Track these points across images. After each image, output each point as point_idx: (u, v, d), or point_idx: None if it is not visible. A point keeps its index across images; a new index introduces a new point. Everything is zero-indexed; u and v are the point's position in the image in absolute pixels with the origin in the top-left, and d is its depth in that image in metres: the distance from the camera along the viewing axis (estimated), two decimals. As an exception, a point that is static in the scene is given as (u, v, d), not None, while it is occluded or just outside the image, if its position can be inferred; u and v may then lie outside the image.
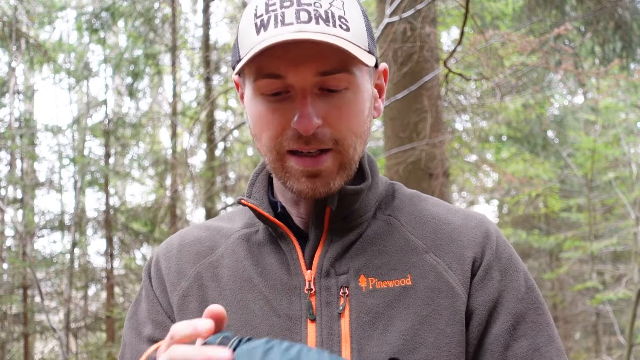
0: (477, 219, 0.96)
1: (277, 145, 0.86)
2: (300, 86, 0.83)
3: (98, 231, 8.79)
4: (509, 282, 0.92)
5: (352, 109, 0.86)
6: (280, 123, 0.85)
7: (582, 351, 12.34)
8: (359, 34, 0.85)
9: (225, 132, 8.71)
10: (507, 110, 7.83)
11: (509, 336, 0.89)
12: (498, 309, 0.90)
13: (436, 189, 4.55)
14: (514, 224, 12.74)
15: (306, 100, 0.83)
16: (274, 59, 0.82)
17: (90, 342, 8.91)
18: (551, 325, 0.93)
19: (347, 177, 0.88)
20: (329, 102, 0.85)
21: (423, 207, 0.98)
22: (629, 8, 5.49)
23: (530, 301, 0.92)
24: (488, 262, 0.92)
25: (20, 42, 7.00)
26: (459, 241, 0.93)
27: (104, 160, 8.86)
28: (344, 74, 0.84)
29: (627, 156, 10.01)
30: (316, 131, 0.84)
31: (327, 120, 0.84)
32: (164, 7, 8.23)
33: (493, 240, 0.94)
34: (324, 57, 0.82)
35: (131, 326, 0.98)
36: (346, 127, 0.86)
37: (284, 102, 0.85)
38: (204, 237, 0.99)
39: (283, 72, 0.83)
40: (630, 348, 6.39)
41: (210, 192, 7.52)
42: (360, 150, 0.89)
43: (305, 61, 0.82)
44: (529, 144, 9.93)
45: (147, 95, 10.45)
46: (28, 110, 9.76)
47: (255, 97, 0.87)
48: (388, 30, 4.48)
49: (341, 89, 0.85)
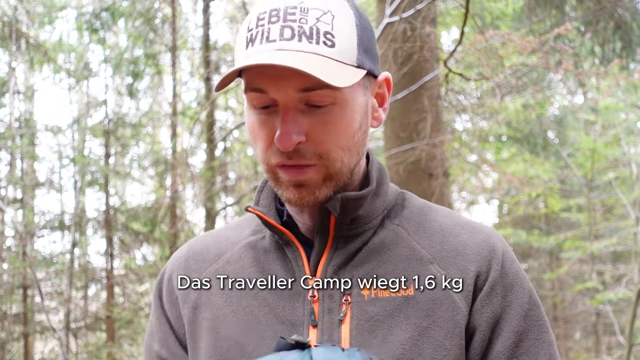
0: (485, 233, 0.95)
1: (267, 158, 0.88)
2: (282, 101, 0.84)
3: (98, 231, 8.79)
4: (513, 298, 0.92)
5: (339, 123, 0.86)
6: (267, 137, 0.86)
7: (582, 351, 12.35)
8: (345, 49, 0.84)
9: (225, 132, 8.71)
10: (507, 111, 7.83)
11: (511, 354, 0.89)
12: (501, 325, 0.90)
13: (436, 189, 4.55)
14: (514, 224, 12.74)
15: (287, 117, 0.83)
16: (258, 74, 0.84)
17: (90, 342, 8.91)
18: (553, 345, 0.93)
19: (335, 187, 0.88)
20: (314, 118, 0.85)
21: (432, 217, 0.98)
22: (629, 8, 5.49)
23: (534, 319, 0.92)
24: (494, 278, 0.91)
25: (20, 42, 7.00)
26: (464, 254, 0.92)
27: (104, 160, 8.86)
28: (327, 90, 0.83)
29: (627, 156, 10.01)
30: (298, 147, 0.84)
31: (311, 136, 0.85)
32: (164, 7, 8.23)
33: (499, 256, 0.93)
34: (303, 74, 0.81)
35: (145, 342, 1.03)
36: (332, 142, 0.86)
37: (272, 115, 0.86)
38: (211, 245, 1.01)
39: (265, 88, 0.84)
40: (630, 348, 6.39)
41: (210, 192, 7.52)
42: (350, 162, 0.89)
43: (284, 78, 0.82)
44: (529, 144, 9.92)
45: (147, 95, 10.46)
46: (28, 110, 9.75)
47: (249, 108, 0.89)
48: (388, 30, 4.48)
49: (326, 104, 0.84)
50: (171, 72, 8.68)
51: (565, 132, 10.87)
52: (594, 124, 10.00)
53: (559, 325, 12.40)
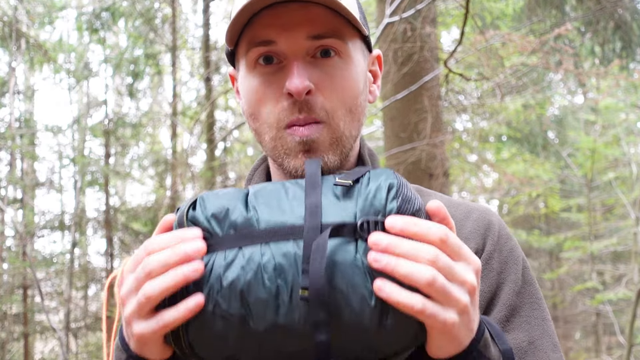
0: (479, 211, 0.97)
1: (274, 120, 0.86)
2: (291, 51, 0.83)
3: (98, 231, 8.79)
4: (507, 274, 0.92)
5: (344, 79, 0.86)
6: (274, 94, 0.85)
7: (582, 351, 12.34)
8: (351, 5, 0.86)
9: (225, 132, 8.71)
10: (507, 111, 7.83)
11: (502, 327, 0.89)
12: (494, 300, 0.91)
13: (436, 189, 4.55)
14: (514, 224, 12.74)
15: (298, 62, 0.83)
16: (265, 26, 0.83)
17: (90, 342, 8.91)
18: (547, 321, 0.93)
19: (341, 154, 0.87)
20: (321, 70, 0.85)
21: (426, 200, 0.97)
22: (629, 8, 5.49)
23: (527, 295, 0.92)
24: (489, 252, 0.92)
25: (20, 42, 7.01)
26: (461, 234, 0.93)
27: (104, 160, 8.86)
28: (335, 39, 0.84)
29: (627, 156, 10.00)
30: (307, 98, 0.84)
31: (319, 87, 0.84)
32: (164, 7, 8.23)
33: (495, 232, 0.94)
34: (314, 22, 0.83)
35: None
36: (338, 98, 0.86)
37: (277, 74, 0.85)
38: None
39: (274, 37, 0.83)
40: (630, 348, 6.39)
41: (210, 192, 7.50)
42: (352, 128, 0.88)
43: (295, 25, 0.83)
44: (529, 144, 9.93)
45: (147, 95, 10.46)
46: (28, 110, 9.75)
47: (250, 71, 0.87)
48: (388, 30, 4.49)
49: (332, 55, 0.85)
50: (171, 72, 8.68)
51: (565, 132, 10.87)
52: (594, 124, 9.99)
53: (559, 325, 12.40)
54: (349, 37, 0.87)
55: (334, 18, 0.84)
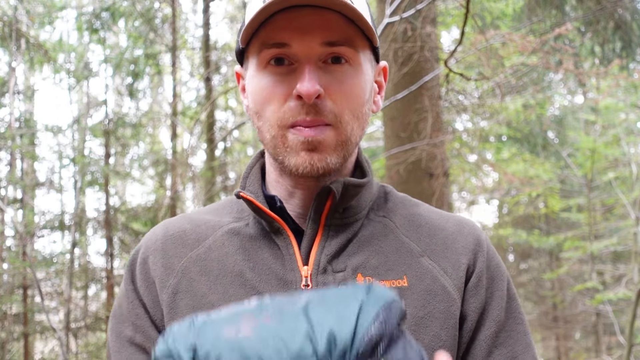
0: (469, 226, 0.98)
1: (280, 119, 0.86)
2: (304, 54, 0.84)
3: (98, 231, 8.79)
4: (494, 290, 0.94)
5: (353, 86, 0.87)
6: (283, 94, 0.86)
7: (582, 351, 12.35)
8: (365, 12, 0.87)
9: (225, 132, 8.71)
10: (507, 110, 7.83)
11: (492, 343, 0.92)
12: (484, 315, 0.92)
13: (436, 189, 4.55)
14: (514, 224, 12.74)
15: (310, 66, 0.84)
16: (280, 29, 0.84)
17: (90, 342, 8.91)
18: (528, 334, 0.96)
19: (343, 157, 0.88)
20: (331, 75, 0.86)
21: (415, 211, 0.99)
22: (629, 8, 5.49)
23: (511, 310, 0.95)
24: (480, 269, 0.93)
25: (20, 42, 7.00)
26: (453, 248, 0.94)
27: (104, 160, 8.86)
28: (348, 47, 0.86)
29: (627, 156, 10.00)
30: (317, 101, 0.84)
31: (328, 92, 0.85)
32: (164, 7, 8.23)
33: (484, 248, 0.96)
34: (329, 28, 0.84)
35: (112, 327, 0.96)
36: (346, 104, 0.86)
37: (288, 75, 0.86)
38: (189, 229, 0.96)
39: (288, 40, 0.84)
40: (630, 348, 6.39)
41: (210, 192, 7.52)
42: (356, 134, 0.89)
43: (310, 30, 0.84)
44: (529, 144, 9.93)
45: (147, 95, 10.46)
46: (28, 110, 9.75)
47: (260, 71, 0.88)
48: (388, 30, 4.49)
49: (343, 62, 0.86)
50: (171, 72, 8.68)
51: (565, 132, 10.87)
52: (594, 124, 9.99)
53: (559, 325, 12.41)
54: (361, 47, 0.88)
55: (348, 26, 0.85)
